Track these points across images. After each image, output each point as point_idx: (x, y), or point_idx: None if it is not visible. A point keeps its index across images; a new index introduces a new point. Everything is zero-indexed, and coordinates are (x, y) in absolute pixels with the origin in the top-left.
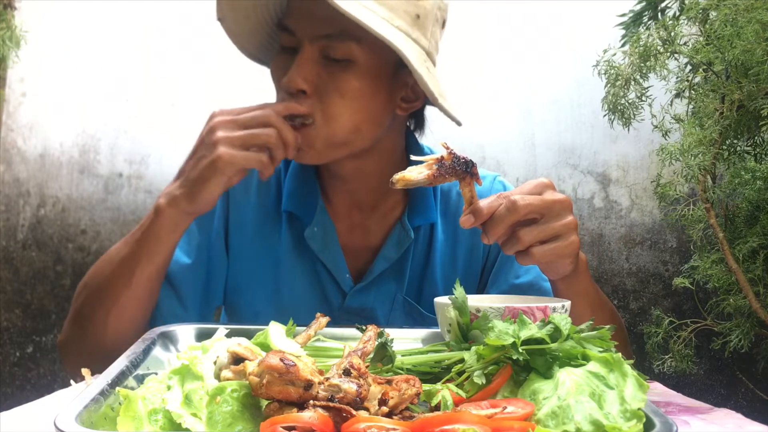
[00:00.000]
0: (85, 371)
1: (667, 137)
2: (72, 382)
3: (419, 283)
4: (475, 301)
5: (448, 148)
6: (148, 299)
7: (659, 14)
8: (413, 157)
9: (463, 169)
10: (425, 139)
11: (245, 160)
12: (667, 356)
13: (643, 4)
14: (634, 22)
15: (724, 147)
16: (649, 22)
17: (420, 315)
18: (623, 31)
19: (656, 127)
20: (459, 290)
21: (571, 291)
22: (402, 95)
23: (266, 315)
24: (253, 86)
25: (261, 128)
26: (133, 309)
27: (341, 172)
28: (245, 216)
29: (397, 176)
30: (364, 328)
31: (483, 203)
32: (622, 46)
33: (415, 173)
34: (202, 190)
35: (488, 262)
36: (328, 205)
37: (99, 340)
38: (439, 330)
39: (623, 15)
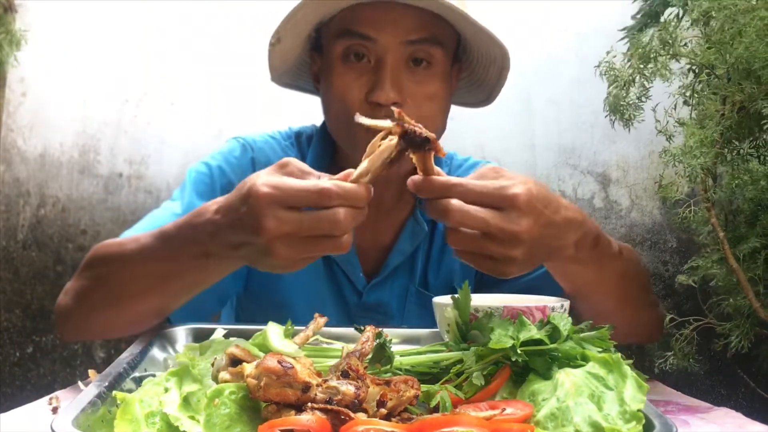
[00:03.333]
0: (91, 372)
1: (671, 141)
2: (79, 382)
3: (425, 274)
4: (474, 300)
5: (402, 117)
6: (167, 303)
7: (662, 20)
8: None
9: (415, 147)
10: None
11: (302, 258)
12: (669, 354)
13: (644, 12)
14: (638, 33)
15: (727, 149)
16: (652, 31)
17: (432, 304)
18: (624, 33)
19: (660, 131)
20: (465, 290)
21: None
22: None
23: (284, 313)
24: (253, 86)
25: (322, 221)
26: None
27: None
28: None
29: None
30: (362, 328)
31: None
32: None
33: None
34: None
35: None
36: None
37: (101, 322)
38: (438, 330)
39: (624, 29)
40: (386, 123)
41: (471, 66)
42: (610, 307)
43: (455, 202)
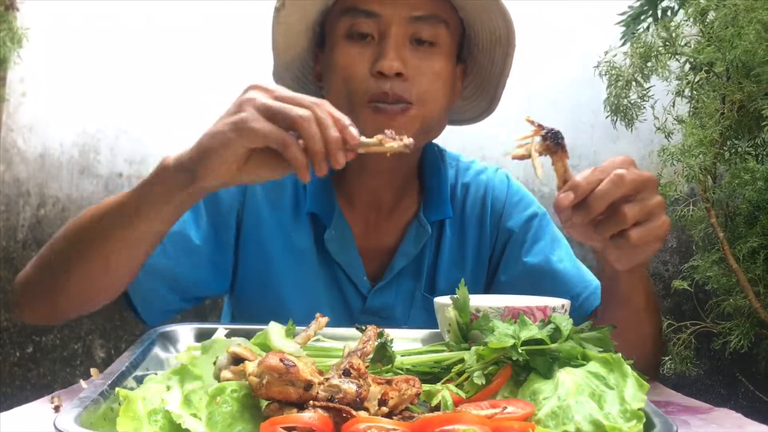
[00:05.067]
0: (94, 371)
1: (669, 138)
2: (81, 381)
3: (432, 279)
4: (475, 300)
5: (533, 122)
6: (121, 266)
7: (659, 13)
8: (516, 138)
9: (554, 141)
10: None
11: (267, 132)
12: (666, 358)
13: (642, 1)
14: (633, 21)
15: (725, 148)
16: (649, 20)
17: None
18: (623, 29)
19: (659, 129)
20: (462, 290)
21: (635, 280)
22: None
23: (284, 317)
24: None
25: (296, 106)
26: (100, 270)
27: (380, 166)
28: (262, 212)
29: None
30: (363, 328)
31: (581, 178)
32: (622, 45)
33: (518, 153)
34: (211, 155)
35: (496, 250)
36: (345, 206)
37: (62, 287)
38: (439, 330)
39: (623, 14)
40: (527, 134)
41: (475, 58)
42: (647, 321)
43: (620, 171)
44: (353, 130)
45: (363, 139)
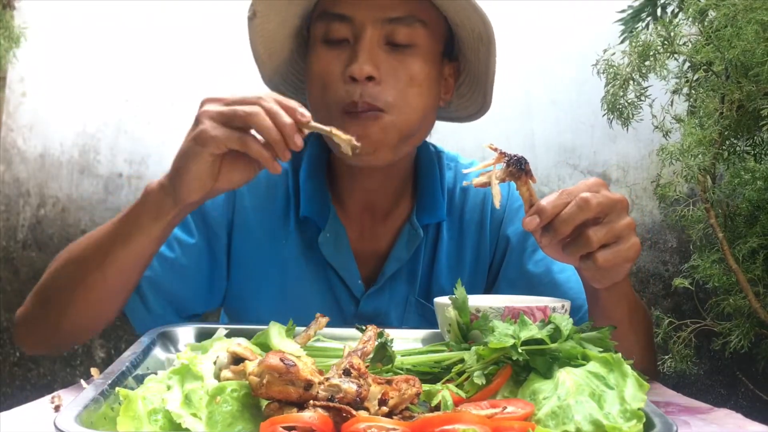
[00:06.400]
0: (94, 370)
1: (668, 137)
2: (81, 381)
3: (428, 284)
4: (475, 301)
5: (496, 149)
6: (119, 288)
7: (658, 11)
8: (465, 171)
9: (517, 167)
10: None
11: (225, 136)
12: (666, 356)
13: (642, 0)
14: (633, 19)
15: (724, 147)
16: (648, 19)
17: (434, 315)
18: (622, 28)
19: (657, 127)
20: (460, 290)
21: (614, 296)
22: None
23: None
24: (253, 87)
25: (245, 106)
26: (100, 295)
27: (371, 170)
28: (251, 220)
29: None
30: (363, 328)
31: (546, 202)
32: (621, 42)
33: (480, 181)
34: (183, 172)
35: (496, 257)
36: (340, 209)
37: (59, 320)
38: (439, 330)
39: (623, 11)
40: (486, 161)
41: (464, 55)
42: (630, 334)
43: (585, 195)
44: (303, 111)
45: (313, 123)
